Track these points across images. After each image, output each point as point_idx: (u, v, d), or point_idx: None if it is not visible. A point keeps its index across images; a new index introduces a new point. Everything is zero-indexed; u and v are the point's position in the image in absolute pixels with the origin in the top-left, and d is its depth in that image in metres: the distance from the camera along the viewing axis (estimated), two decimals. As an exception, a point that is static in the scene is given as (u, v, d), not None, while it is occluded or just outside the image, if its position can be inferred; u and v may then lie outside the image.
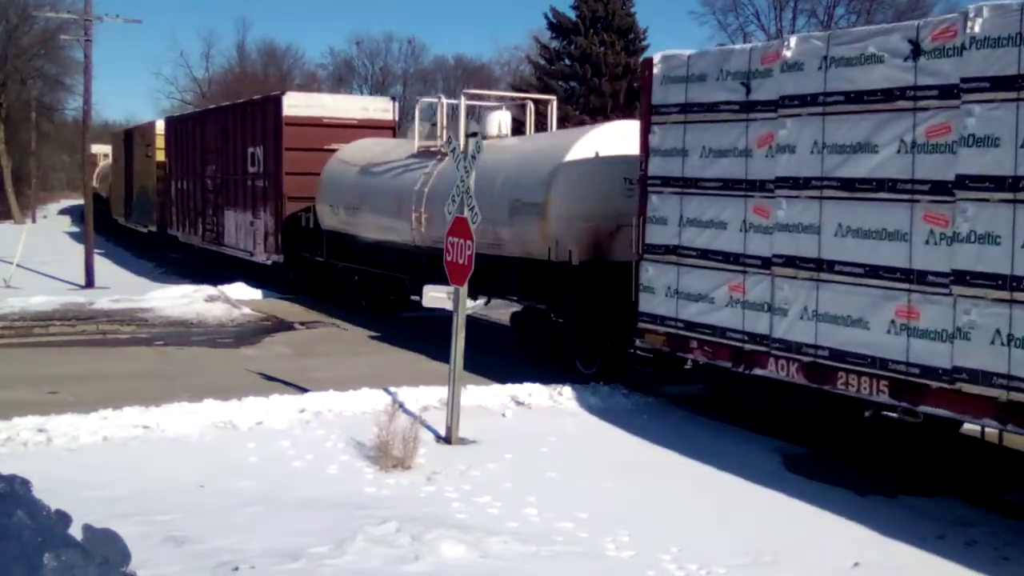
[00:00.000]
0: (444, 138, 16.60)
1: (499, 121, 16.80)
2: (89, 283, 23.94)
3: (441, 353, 11.32)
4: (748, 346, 10.06)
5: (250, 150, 23.42)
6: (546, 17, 37.92)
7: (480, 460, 9.25)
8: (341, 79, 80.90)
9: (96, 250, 25.68)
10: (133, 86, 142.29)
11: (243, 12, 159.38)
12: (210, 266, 26.87)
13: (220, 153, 25.62)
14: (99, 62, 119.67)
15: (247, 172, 23.65)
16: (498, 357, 14.12)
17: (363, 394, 11.27)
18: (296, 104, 22.32)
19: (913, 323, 8.35)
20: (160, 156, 31.45)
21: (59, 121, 65.45)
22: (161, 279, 25.47)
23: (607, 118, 31.54)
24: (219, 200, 25.85)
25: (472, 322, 11.25)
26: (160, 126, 32.33)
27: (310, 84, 79.82)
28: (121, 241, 38.75)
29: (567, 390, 11.71)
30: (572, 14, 37.03)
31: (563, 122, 27.99)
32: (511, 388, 11.75)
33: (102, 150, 55.52)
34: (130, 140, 36.82)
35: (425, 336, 15.86)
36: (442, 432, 9.97)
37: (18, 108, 58.63)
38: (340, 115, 22.31)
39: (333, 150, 20.72)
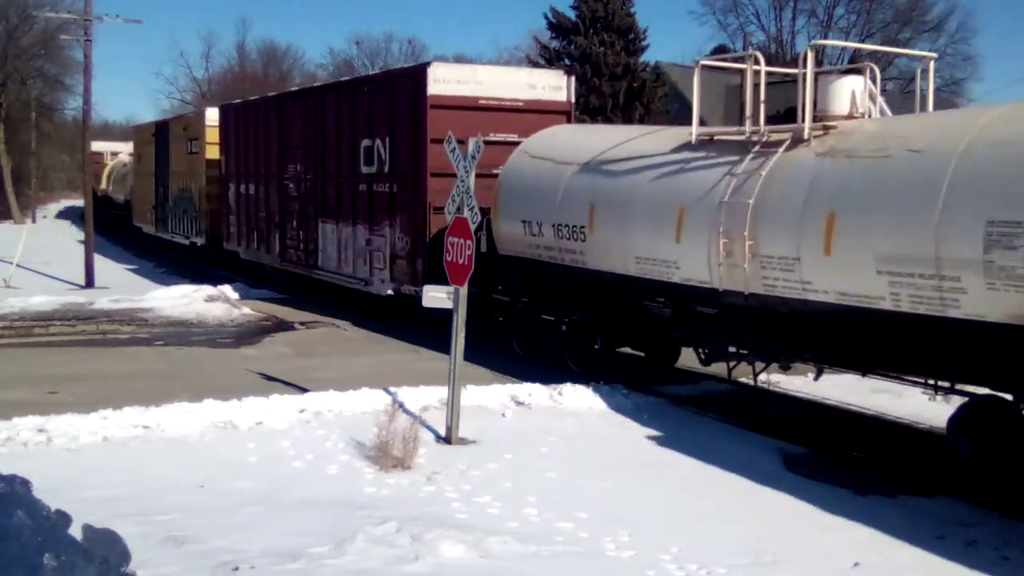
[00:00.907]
0: (754, 121, 10.72)
1: (852, 91, 10.51)
2: (89, 283, 23.93)
3: (441, 353, 11.31)
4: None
5: (364, 143, 17.91)
6: (546, 17, 37.89)
7: (480, 460, 9.25)
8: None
9: (96, 250, 25.66)
10: (133, 86, 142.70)
11: (243, 12, 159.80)
12: (316, 295, 21.71)
13: (311, 148, 20.18)
14: (99, 62, 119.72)
15: (358, 173, 18.17)
16: (498, 357, 14.12)
17: (363, 394, 11.27)
18: (445, 78, 16.20)
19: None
20: (211, 152, 26.15)
21: (59, 121, 65.50)
22: (161, 279, 25.46)
23: (607, 119, 31.53)
24: (308, 209, 20.45)
25: (472, 322, 11.06)
26: (212, 115, 26.59)
27: (310, 84, 79.79)
28: (121, 241, 38.73)
29: (567, 390, 11.71)
30: (572, 14, 36.99)
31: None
32: (511, 388, 11.75)
33: (108, 147, 53.93)
34: (164, 134, 31.10)
35: (425, 336, 15.85)
36: (442, 432, 9.97)
37: (18, 108, 58.66)
38: (500, 94, 16.42)
39: (497, 142, 15.15)
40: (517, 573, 6.63)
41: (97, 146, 53.95)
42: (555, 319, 13.86)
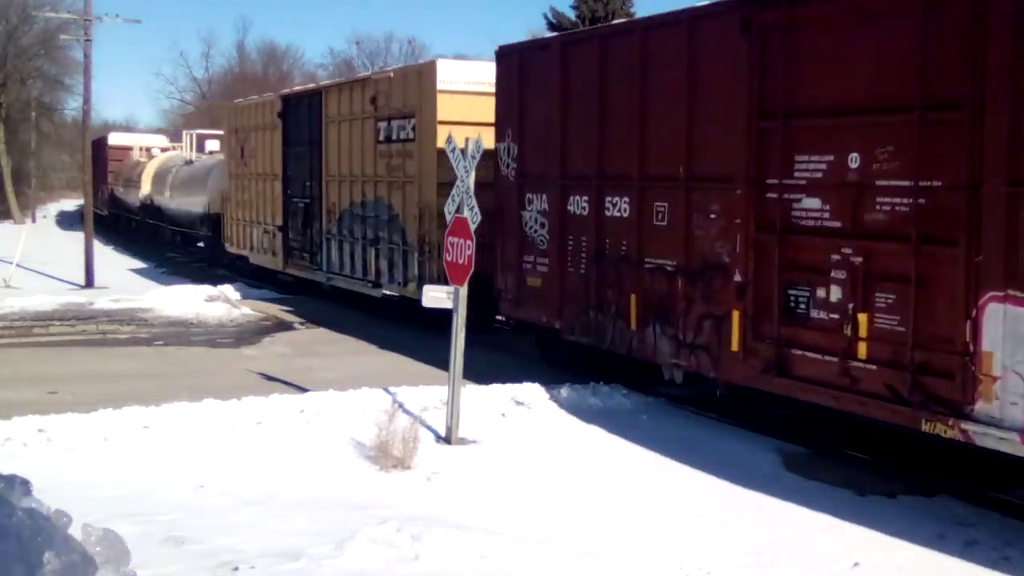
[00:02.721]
0: None
1: None
2: (89, 283, 23.94)
3: (440, 354, 11.31)
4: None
5: None
6: (546, 17, 37.93)
7: (480, 460, 9.26)
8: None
9: (96, 250, 25.66)
10: (133, 86, 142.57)
11: (243, 12, 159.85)
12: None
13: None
14: (99, 62, 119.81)
15: None
16: (498, 357, 14.12)
17: (363, 394, 11.27)
18: None
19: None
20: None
21: (59, 121, 65.50)
22: (161, 279, 25.47)
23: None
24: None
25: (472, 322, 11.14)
26: (452, 71, 15.87)
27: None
28: (121, 241, 38.71)
29: (566, 390, 11.71)
30: (572, 14, 37.02)
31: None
32: (511, 388, 11.75)
33: (139, 141, 47.78)
34: (306, 112, 20.17)
35: (425, 337, 15.85)
36: (442, 432, 9.98)
37: (18, 108, 58.67)
38: None
39: None
40: (517, 573, 6.63)
41: (119, 139, 49.25)
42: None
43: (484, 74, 15.14)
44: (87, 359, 14.64)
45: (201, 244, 32.83)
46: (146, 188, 37.71)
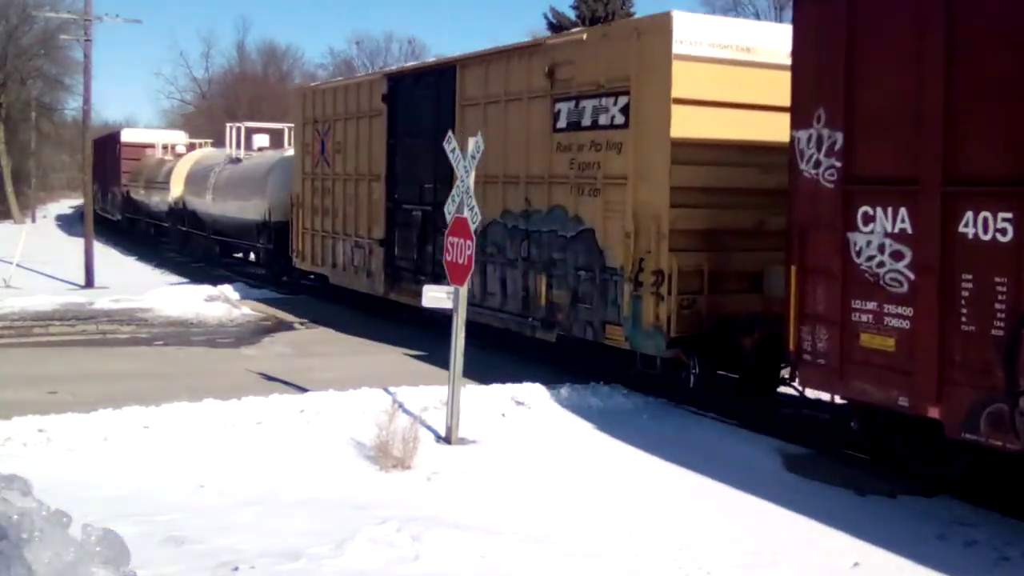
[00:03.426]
0: None
1: None
2: (89, 283, 23.93)
3: (441, 353, 11.32)
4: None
5: None
6: (546, 17, 37.98)
7: (480, 460, 9.26)
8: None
9: (95, 251, 25.66)
10: (133, 86, 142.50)
11: (243, 12, 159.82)
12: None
13: None
14: (99, 62, 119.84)
15: None
16: (498, 357, 14.12)
17: (363, 394, 11.27)
18: None
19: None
20: (686, 122, 11.16)
21: (59, 121, 65.52)
22: (161, 279, 25.46)
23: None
24: None
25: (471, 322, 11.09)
26: (697, 27, 11.41)
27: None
28: (121, 241, 38.71)
29: (566, 390, 11.71)
30: (572, 14, 37.05)
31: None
32: (511, 388, 11.75)
33: (161, 138, 40.66)
34: (424, 95, 16.36)
35: (425, 337, 15.85)
36: (442, 432, 9.98)
37: (18, 108, 58.70)
38: None
39: None
40: (517, 573, 6.63)
41: (135, 135, 43.51)
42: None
43: (741, 34, 11.57)
44: (87, 359, 14.63)
45: (252, 257, 28.63)
46: (177, 190, 32.33)
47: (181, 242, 33.00)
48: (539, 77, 13.24)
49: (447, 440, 9.84)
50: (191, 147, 37.31)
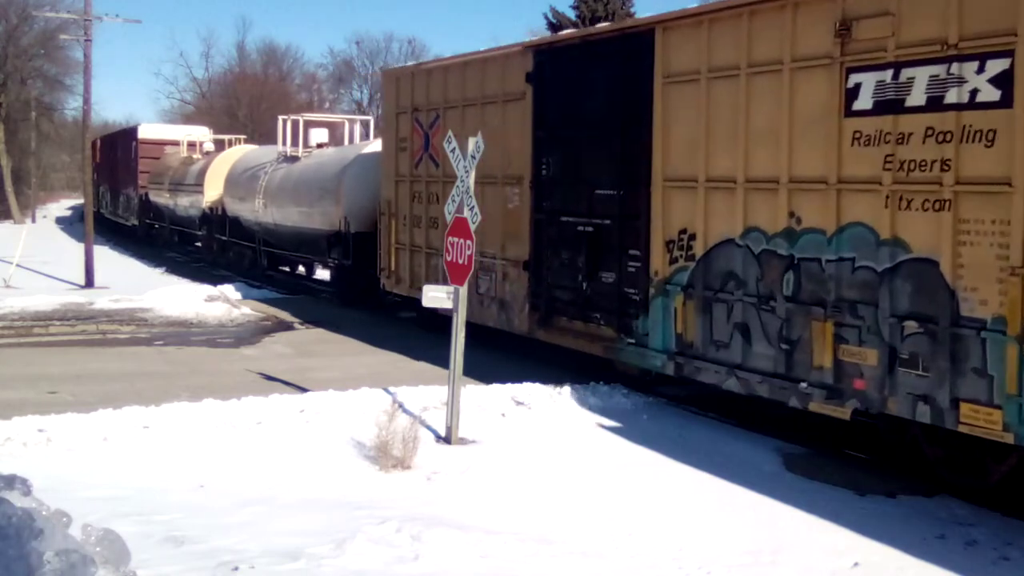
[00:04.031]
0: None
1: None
2: (89, 283, 23.92)
3: (440, 353, 11.32)
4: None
5: None
6: (546, 17, 37.97)
7: (480, 460, 9.26)
8: (341, 79, 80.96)
9: (96, 250, 25.65)
10: (133, 86, 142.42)
11: (243, 12, 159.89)
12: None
13: None
14: (99, 62, 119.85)
15: None
16: (498, 357, 14.12)
17: (363, 394, 11.27)
18: None
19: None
20: None
21: (59, 121, 65.55)
22: (161, 279, 25.44)
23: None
24: None
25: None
26: None
27: (310, 84, 79.98)
28: (121, 241, 38.70)
29: (567, 390, 11.71)
30: (572, 14, 37.05)
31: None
32: (511, 388, 11.75)
33: (186, 133, 36.10)
34: (628, 62, 11.79)
35: (425, 336, 15.85)
36: (442, 432, 9.98)
37: (18, 108, 58.70)
38: None
39: None
40: (517, 573, 6.63)
41: (154, 131, 38.98)
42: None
43: None
44: (87, 359, 14.63)
45: (320, 274, 24.81)
46: (213, 194, 28.18)
47: (218, 253, 28.66)
48: (818, 37, 9.33)
49: (447, 440, 9.85)
50: (220, 144, 32.98)
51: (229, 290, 21.36)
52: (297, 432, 10.05)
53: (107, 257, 30.42)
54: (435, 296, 10.32)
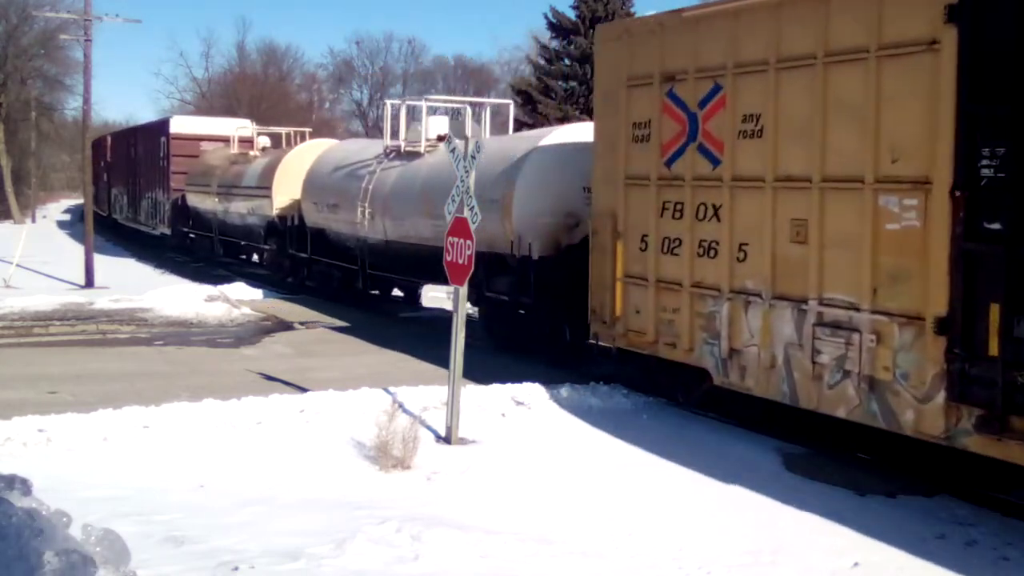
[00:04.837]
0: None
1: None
2: (89, 283, 23.92)
3: (441, 353, 11.31)
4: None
5: None
6: (546, 17, 37.95)
7: (480, 460, 9.26)
8: (341, 79, 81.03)
9: (96, 250, 25.66)
10: (133, 86, 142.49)
11: (243, 12, 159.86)
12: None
13: None
14: (99, 62, 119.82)
15: None
16: (498, 357, 14.12)
17: (363, 394, 11.27)
18: None
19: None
20: None
21: (59, 121, 65.56)
22: (161, 279, 25.44)
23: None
24: None
25: (471, 321, 10.93)
26: None
27: (310, 84, 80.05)
28: (121, 241, 38.69)
29: (566, 390, 11.71)
30: (572, 14, 37.04)
31: (564, 121, 27.95)
32: (511, 388, 11.75)
33: (237, 127, 30.39)
34: None
35: (425, 336, 15.85)
36: (442, 432, 9.98)
37: (18, 108, 58.73)
38: None
39: None
40: (517, 573, 6.63)
41: (190, 124, 32.95)
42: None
43: None
44: (87, 359, 14.62)
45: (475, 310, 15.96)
46: (284, 199, 23.01)
47: (291, 272, 23.31)
48: None
49: (447, 440, 9.85)
50: (275, 139, 28.68)
51: (229, 290, 21.35)
52: (297, 432, 10.05)
53: (107, 257, 30.42)
54: (435, 296, 10.34)
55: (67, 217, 62.74)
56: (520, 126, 19.28)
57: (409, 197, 17.00)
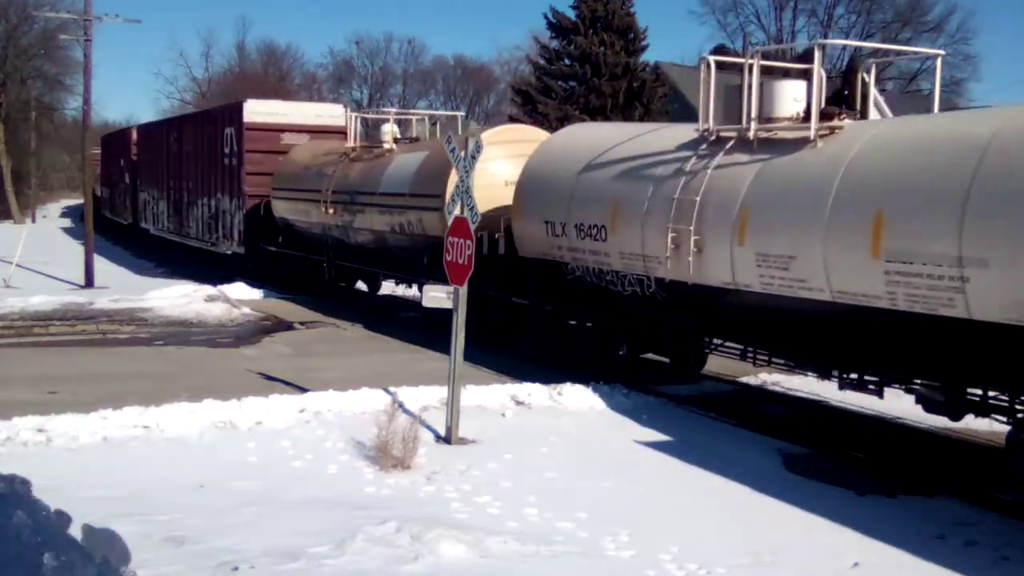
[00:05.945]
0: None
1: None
2: (89, 283, 23.91)
3: (441, 353, 11.31)
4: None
5: None
6: (546, 17, 37.89)
7: (480, 460, 9.25)
8: (341, 79, 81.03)
9: (95, 250, 25.65)
10: (133, 86, 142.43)
11: (243, 12, 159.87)
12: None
13: None
14: (99, 62, 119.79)
15: None
16: (498, 357, 14.11)
17: (363, 394, 11.27)
18: None
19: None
20: None
21: (59, 121, 65.58)
22: (161, 279, 25.42)
23: (607, 118, 31.56)
24: None
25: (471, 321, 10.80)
26: None
27: (310, 84, 79.99)
28: (121, 241, 38.65)
29: (567, 390, 11.71)
30: (572, 14, 37.00)
31: (564, 121, 27.93)
32: (511, 388, 11.75)
33: (328, 113, 24.82)
34: None
35: (425, 336, 15.84)
36: (442, 432, 9.98)
37: (18, 108, 58.77)
38: None
39: None
40: (517, 573, 6.63)
41: (267, 109, 24.63)
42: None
43: None
44: (87, 359, 14.62)
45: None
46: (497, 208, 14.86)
47: (504, 328, 15.51)
48: None
49: (447, 440, 9.84)
50: (405, 127, 21.88)
51: (229, 290, 21.35)
52: (297, 432, 10.04)
53: (107, 257, 30.41)
54: (435, 296, 10.33)
55: (67, 223, 62.79)
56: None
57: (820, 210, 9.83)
